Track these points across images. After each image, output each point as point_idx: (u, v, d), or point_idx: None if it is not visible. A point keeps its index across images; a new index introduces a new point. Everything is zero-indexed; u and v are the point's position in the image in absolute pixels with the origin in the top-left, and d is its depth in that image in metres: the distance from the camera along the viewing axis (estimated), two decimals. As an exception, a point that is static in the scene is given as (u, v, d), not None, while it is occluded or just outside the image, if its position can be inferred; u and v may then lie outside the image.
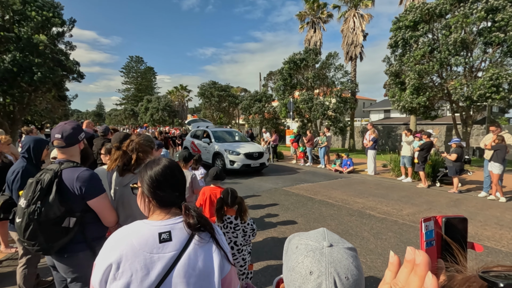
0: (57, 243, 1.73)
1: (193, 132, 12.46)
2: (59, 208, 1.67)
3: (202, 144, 10.98)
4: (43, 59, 11.81)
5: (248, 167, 9.69)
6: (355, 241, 4.32)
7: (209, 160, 10.55)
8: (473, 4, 10.04)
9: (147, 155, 2.12)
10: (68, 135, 1.83)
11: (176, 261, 0.95)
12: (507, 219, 5.41)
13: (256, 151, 9.96)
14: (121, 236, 1.00)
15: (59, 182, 1.71)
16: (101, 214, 1.85)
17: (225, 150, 9.75)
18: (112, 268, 0.93)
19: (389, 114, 32.96)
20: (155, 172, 1.08)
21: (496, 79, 9.08)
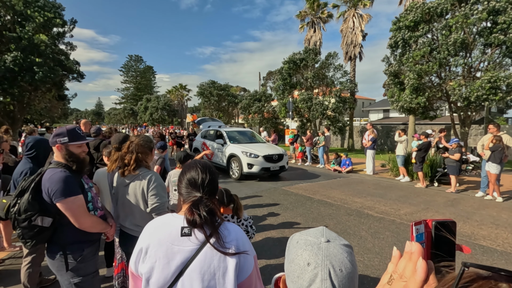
0: (34, 239, 1.79)
1: (204, 132, 11.69)
2: (32, 206, 1.74)
3: (215, 145, 10.25)
4: (43, 59, 11.86)
5: (267, 170, 8.86)
6: (353, 240, 4.38)
7: (223, 162, 9.74)
8: (474, 5, 10.08)
9: (147, 156, 2.16)
10: (51, 136, 1.92)
11: (194, 256, 1.00)
12: (503, 219, 5.48)
13: (275, 153, 9.06)
14: (155, 225, 1.12)
15: (38, 182, 1.78)
16: (71, 218, 1.81)
17: (242, 152, 8.90)
18: (142, 252, 1.06)
19: (388, 114, 33.04)
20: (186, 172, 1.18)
21: (494, 82, 9.15)
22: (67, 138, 1.90)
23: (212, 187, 1.17)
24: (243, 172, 8.75)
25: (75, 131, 1.96)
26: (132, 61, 72.60)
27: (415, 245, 0.48)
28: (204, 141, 11.11)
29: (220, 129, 10.87)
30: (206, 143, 10.95)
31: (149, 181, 2.01)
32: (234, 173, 9.17)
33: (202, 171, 1.16)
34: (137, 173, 2.06)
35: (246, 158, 8.76)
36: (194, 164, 1.21)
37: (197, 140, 11.84)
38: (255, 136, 11.30)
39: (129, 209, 2.06)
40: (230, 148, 9.50)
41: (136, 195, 2.01)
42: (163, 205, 1.99)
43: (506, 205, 6.44)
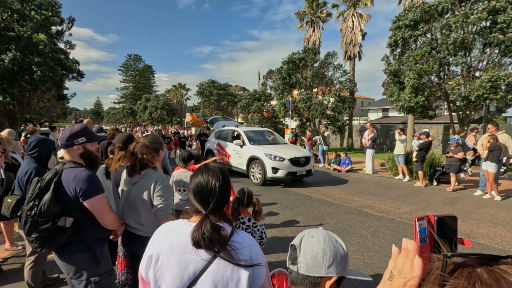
0: (53, 242, 1.75)
1: (219, 132, 10.60)
2: (55, 206, 1.70)
3: (232, 146, 9.26)
4: (43, 58, 11.85)
5: (293, 175, 8.01)
6: (353, 239, 4.42)
7: (243, 166, 8.84)
8: (474, 4, 10.12)
9: (152, 157, 2.13)
10: (63, 137, 1.89)
11: (207, 266, 0.98)
12: (501, 217, 5.53)
13: (302, 156, 8.17)
14: (166, 231, 1.10)
15: (58, 182, 1.75)
16: (97, 215, 1.85)
17: (265, 155, 8.01)
18: (152, 259, 1.04)
19: (387, 113, 33.09)
20: (194, 178, 1.13)
21: (495, 80, 9.20)
22: (85, 138, 1.94)
23: (223, 199, 1.11)
24: (267, 177, 7.92)
25: (89, 130, 2.01)
26: (131, 60, 72.46)
27: (411, 243, 0.51)
28: (219, 142, 10.12)
29: (237, 128, 9.88)
30: (221, 144, 9.97)
31: (155, 182, 2.02)
32: (255, 178, 8.37)
33: (211, 181, 1.10)
34: (143, 173, 2.07)
35: (270, 161, 7.89)
36: (204, 171, 1.14)
37: (210, 141, 10.80)
38: (275, 136, 10.40)
39: (135, 209, 2.08)
40: (250, 150, 8.59)
41: (142, 195, 2.03)
42: (168, 207, 2.01)
43: (505, 203, 6.49)
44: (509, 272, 0.37)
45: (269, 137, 10.04)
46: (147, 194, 2.03)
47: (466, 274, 0.38)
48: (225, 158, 9.55)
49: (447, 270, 0.41)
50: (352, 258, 3.76)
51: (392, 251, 0.55)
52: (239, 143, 8.94)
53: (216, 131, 10.90)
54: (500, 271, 0.37)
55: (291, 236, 4.51)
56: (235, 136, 9.70)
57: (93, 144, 2.04)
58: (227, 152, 9.55)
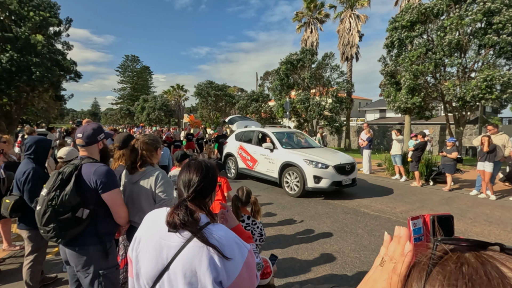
0: (70, 232, 1.84)
1: (240, 134, 9.31)
2: (75, 198, 1.81)
3: (260, 150, 8.11)
4: (40, 59, 11.82)
5: (338, 185, 6.81)
6: (350, 238, 4.47)
7: (273, 173, 7.63)
8: (469, 5, 10.24)
9: (152, 154, 2.22)
10: (87, 135, 1.99)
11: (178, 252, 1.01)
12: (496, 216, 5.60)
13: (348, 162, 7.09)
14: (152, 217, 1.17)
15: (78, 175, 1.87)
16: (113, 208, 1.96)
17: (305, 161, 6.88)
18: (136, 241, 1.13)
19: (384, 114, 33.27)
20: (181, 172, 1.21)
21: (490, 80, 9.30)
22: (103, 134, 2.11)
23: (204, 189, 1.16)
24: (307, 188, 6.75)
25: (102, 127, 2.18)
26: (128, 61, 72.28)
27: (403, 230, 0.53)
28: (242, 145, 8.87)
29: (264, 129, 8.69)
30: (245, 148, 8.71)
31: (156, 178, 2.11)
32: (291, 188, 7.13)
33: (193, 171, 1.17)
34: (143, 170, 2.14)
35: (312, 168, 6.74)
36: (188, 164, 1.22)
37: (230, 144, 9.52)
38: (307, 138, 9.19)
39: (139, 205, 2.14)
40: (284, 155, 7.41)
41: (145, 192, 2.10)
42: (170, 201, 2.08)
43: (499, 203, 6.57)
44: (495, 257, 0.38)
45: (301, 140, 8.95)
46: (150, 190, 2.10)
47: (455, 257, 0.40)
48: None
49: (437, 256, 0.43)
50: (349, 257, 3.81)
51: (384, 238, 0.57)
52: (269, 146, 7.75)
53: (236, 132, 9.62)
54: (487, 256, 0.39)
55: (289, 235, 4.55)
56: (261, 138, 8.65)
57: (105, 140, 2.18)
58: (252, 157, 8.38)
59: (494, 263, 0.37)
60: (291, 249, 4.04)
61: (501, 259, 0.38)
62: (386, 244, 0.56)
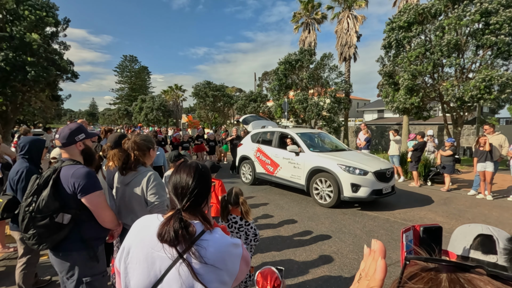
0: (50, 238, 1.75)
1: (257, 135, 8.44)
2: (53, 203, 1.72)
3: (282, 153, 7.26)
4: (36, 58, 11.72)
5: (378, 194, 5.99)
6: (348, 238, 4.44)
7: (300, 179, 6.78)
8: (466, 6, 10.26)
9: (144, 154, 2.15)
10: (64, 136, 1.89)
11: (172, 264, 0.96)
12: (494, 217, 5.59)
13: (388, 168, 6.29)
14: (140, 224, 1.09)
15: (56, 178, 1.77)
16: (95, 212, 1.85)
17: (340, 166, 6.03)
18: (124, 251, 1.04)
19: (382, 114, 33.34)
20: (172, 175, 1.13)
21: (488, 81, 9.32)
22: (84, 134, 1.98)
23: (198, 196, 1.08)
24: (343, 197, 5.93)
25: (84, 127, 2.06)
26: (126, 61, 72.09)
27: (377, 244, 0.50)
28: (260, 147, 7.98)
29: (286, 130, 7.83)
30: (264, 151, 7.83)
31: (148, 180, 2.03)
32: (323, 197, 6.28)
33: (184, 177, 1.08)
34: (136, 171, 2.07)
35: (348, 175, 5.89)
36: (177, 169, 1.13)
37: (245, 146, 8.61)
38: (332, 139, 8.36)
39: (131, 208, 2.09)
40: (313, 159, 6.56)
41: (137, 193, 2.04)
42: (162, 204, 2.01)
43: (497, 203, 6.57)
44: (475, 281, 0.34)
45: (327, 141, 8.14)
46: (141, 192, 2.04)
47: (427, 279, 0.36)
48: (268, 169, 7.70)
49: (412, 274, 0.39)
50: (347, 258, 3.78)
51: (364, 252, 0.54)
52: (294, 149, 6.89)
53: (252, 133, 8.69)
54: (464, 280, 0.34)
55: (286, 236, 4.52)
56: (282, 140, 7.84)
57: (89, 140, 2.08)
58: (273, 161, 7.50)
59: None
60: (289, 251, 4.00)
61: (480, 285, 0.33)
62: (365, 258, 0.53)
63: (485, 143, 6.74)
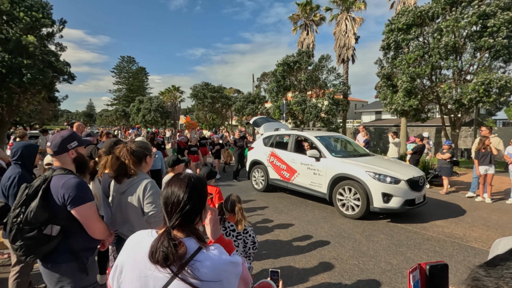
0: (38, 250, 1.70)
1: (270, 138, 7.87)
2: (42, 214, 1.66)
3: (301, 159, 6.68)
4: (32, 61, 11.61)
5: (411, 204, 5.44)
6: (348, 243, 4.39)
7: (321, 187, 6.20)
8: (464, 9, 10.30)
9: (140, 162, 2.09)
10: (55, 144, 1.83)
11: (167, 284, 0.92)
12: (494, 220, 5.57)
13: (420, 175, 5.76)
14: (133, 241, 1.05)
15: (46, 188, 1.71)
16: (85, 224, 1.79)
17: (369, 174, 5.46)
18: (117, 269, 1.01)
19: (380, 115, 33.42)
20: (164, 188, 1.08)
21: (487, 84, 9.35)
22: (77, 141, 1.92)
23: (191, 213, 1.03)
24: (373, 208, 5.34)
25: (78, 134, 2.00)
26: (124, 62, 71.93)
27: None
28: (274, 151, 7.39)
29: (304, 133, 7.20)
30: (278, 155, 7.24)
31: (144, 188, 1.97)
32: (349, 207, 5.69)
33: (177, 193, 1.02)
34: (131, 179, 2.02)
35: (379, 184, 5.32)
36: (172, 181, 1.07)
37: (257, 150, 7.98)
38: (352, 143, 7.69)
39: (126, 216, 2.03)
40: (336, 165, 5.99)
41: (133, 202, 1.98)
42: (159, 213, 1.95)
43: (496, 206, 6.56)
44: None
45: (348, 146, 7.57)
46: (137, 202, 1.98)
47: None
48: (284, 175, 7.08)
49: None
50: (347, 264, 3.73)
51: None
52: (314, 154, 6.29)
53: (264, 136, 8.08)
54: None
55: (286, 241, 4.47)
56: (299, 144, 7.33)
57: (82, 148, 2.01)
58: (290, 166, 6.92)
59: None
60: (288, 256, 3.95)
61: None
62: None
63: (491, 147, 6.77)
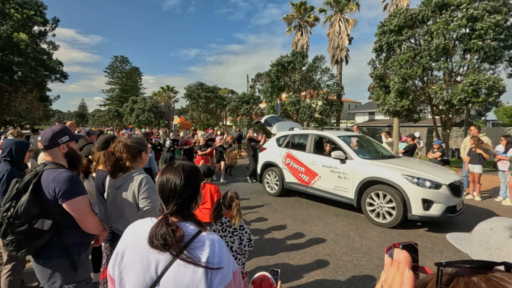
0: (30, 245, 1.69)
1: (286, 138, 7.31)
2: (33, 208, 1.66)
3: (323, 161, 6.14)
4: (24, 58, 11.45)
5: (452, 212, 4.90)
6: (342, 240, 4.45)
7: (347, 192, 5.67)
8: (453, 12, 10.52)
9: (135, 158, 2.10)
10: (46, 138, 1.82)
11: (169, 266, 0.95)
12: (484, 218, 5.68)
13: (459, 179, 5.22)
14: (134, 227, 1.08)
15: (37, 183, 1.70)
16: (78, 219, 1.78)
17: (406, 178, 4.91)
18: (118, 256, 1.02)
19: (373, 116, 33.80)
20: (159, 177, 1.11)
21: (476, 84, 9.56)
22: (68, 136, 1.91)
23: (186, 199, 1.07)
24: (412, 215, 4.81)
25: (69, 129, 1.98)
26: (117, 62, 71.15)
27: (402, 254, 0.49)
28: (290, 152, 6.85)
29: (324, 133, 6.66)
30: (295, 157, 6.71)
31: (140, 184, 1.97)
32: (381, 215, 5.17)
33: (171, 179, 1.06)
34: (127, 174, 2.02)
35: (418, 188, 4.80)
36: (167, 169, 1.10)
37: (270, 151, 7.42)
38: (375, 143, 7.09)
39: (121, 212, 2.03)
40: (365, 168, 5.45)
41: (128, 198, 1.98)
42: (154, 209, 1.96)
43: (485, 204, 6.71)
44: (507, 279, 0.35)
45: (372, 146, 6.97)
46: (132, 197, 1.98)
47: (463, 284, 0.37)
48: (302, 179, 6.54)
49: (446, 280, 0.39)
50: (341, 260, 3.78)
51: (385, 262, 0.52)
52: (339, 155, 5.76)
53: (278, 136, 7.55)
54: (497, 279, 0.36)
55: (280, 239, 4.50)
56: (318, 144, 6.82)
57: (74, 143, 2.00)
58: (309, 169, 6.38)
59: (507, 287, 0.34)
60: (282, 254, 3.98)
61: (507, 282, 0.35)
62: (386, 268, 0.51)
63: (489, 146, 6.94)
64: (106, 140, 2.79)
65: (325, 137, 6.86)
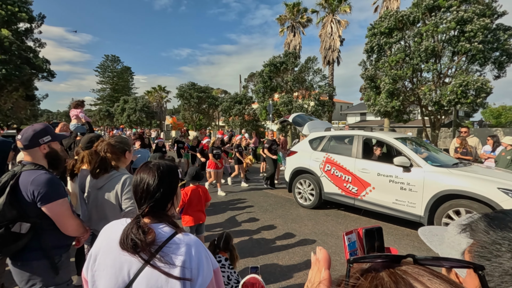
0: (7, 249, 1.63)
1: (322, 140, 6.31)
2: (10, 211, 1.59)
3: (379, 168, 5.13)
4: (8, 56, 11.14)
5: None
6: (331, 240, 4.45)
7: (413, 208, 4.61)
8: (443, 14, 10.70)
9: (119, 158, 2.04)
10: (26, 137, 1.75)
11: (141, 269, 0.92)
12: (470, 216, 5.77)
13: None
14: (107, 229, 1.04)
15: (14, 184, 1.63)
16: (57, 221, 1.72)
17: (504, 191, 3.83)
18: (91, 258, 0.99)
19: (365, 117, 34.17)
20: (133, 177, 1.07)
21: (465, 86, 9.73)
22: (50, 136, 1.83)
23: (161, 199, 1.03)
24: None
25: (52, 128, 1.90)
26: (108, 61, 70.16)
27: (321, 252, 0.48)
28: (331, 157, 5.87)
29: (374, 134, 5.73)
30: (339, 163, 5.72)
31: (123, 184, 1.91)
32: None
33: (146, 180, 1.02)
34: (109, 174, 1.96)
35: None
36: (142, 169, 1.06)
37: (303, 155, 6.44)
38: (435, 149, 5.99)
39: (103, 213, 1.96)
40: (441, 178, 4.42)
41: (110, 198, 1.91)
42: None
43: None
44: (409, 272, 0.37)
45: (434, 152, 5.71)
46: (115, 197, 1.92)
47: (369, 278, 0.37)
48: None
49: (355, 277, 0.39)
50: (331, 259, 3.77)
51: (311, 259, 0.51)
52: (403, 162, 4.76)
53: (310, 138, 6.60)
54: (400, 272, 0.37)
55: (270, 239, 4.47)
56: (367, 148, 5.84)
57: (56, 143, 1.93)
58: (358, 177, 5.39)
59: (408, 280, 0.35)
60: (272, 254, 3.95)
61: (414, 273, 0.36)
62: (312, 266, 0.51)
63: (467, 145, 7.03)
64: (90, 139, 2.72)
65: (378, 139, 5.75)
